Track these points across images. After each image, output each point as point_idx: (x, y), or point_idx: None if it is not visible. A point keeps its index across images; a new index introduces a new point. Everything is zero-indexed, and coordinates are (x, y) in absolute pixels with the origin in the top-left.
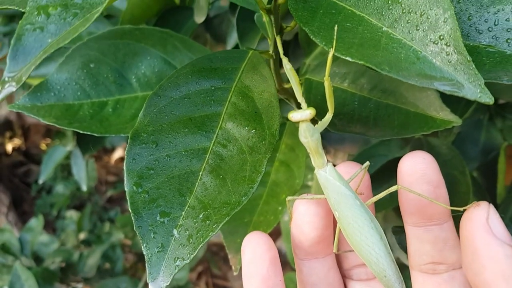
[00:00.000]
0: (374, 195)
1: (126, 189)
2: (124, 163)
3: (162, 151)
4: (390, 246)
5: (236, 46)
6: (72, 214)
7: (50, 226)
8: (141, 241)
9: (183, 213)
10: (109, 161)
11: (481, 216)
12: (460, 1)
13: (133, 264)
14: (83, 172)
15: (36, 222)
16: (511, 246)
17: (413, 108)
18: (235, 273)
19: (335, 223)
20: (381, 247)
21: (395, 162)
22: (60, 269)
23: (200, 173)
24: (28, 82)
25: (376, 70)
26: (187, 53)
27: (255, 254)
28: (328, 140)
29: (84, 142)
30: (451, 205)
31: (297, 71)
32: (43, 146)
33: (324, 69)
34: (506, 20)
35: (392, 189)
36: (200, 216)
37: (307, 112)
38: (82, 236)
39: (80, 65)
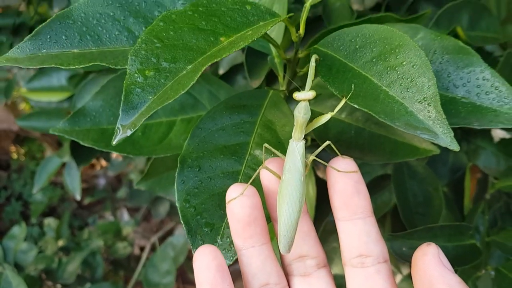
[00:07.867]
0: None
1: (177, 205)
2: (175, 184)
3: (204, 174)
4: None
5: (230, 70)
6: (50, 222)
7: None
8: (191, 246)
9: (224, 224)
10: None
11: (433, 252)
12: (442, 62)
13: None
14: (77, 182)
15: (18, 230)
16: (457, 276)
17: (401, 138)
18: None
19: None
20: (294, 216)
21: (377, 180)
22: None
23: None
24: (27, 96)
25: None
26: (205, 85)
27: (202, 263)
28: (321, 158)
29: (79, 154)
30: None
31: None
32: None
33: (323, 102)
34: (476, 78)
35: (325, 144)
36: None
37: (309, 93)
38: (60, 243)
39: (113, 94)
